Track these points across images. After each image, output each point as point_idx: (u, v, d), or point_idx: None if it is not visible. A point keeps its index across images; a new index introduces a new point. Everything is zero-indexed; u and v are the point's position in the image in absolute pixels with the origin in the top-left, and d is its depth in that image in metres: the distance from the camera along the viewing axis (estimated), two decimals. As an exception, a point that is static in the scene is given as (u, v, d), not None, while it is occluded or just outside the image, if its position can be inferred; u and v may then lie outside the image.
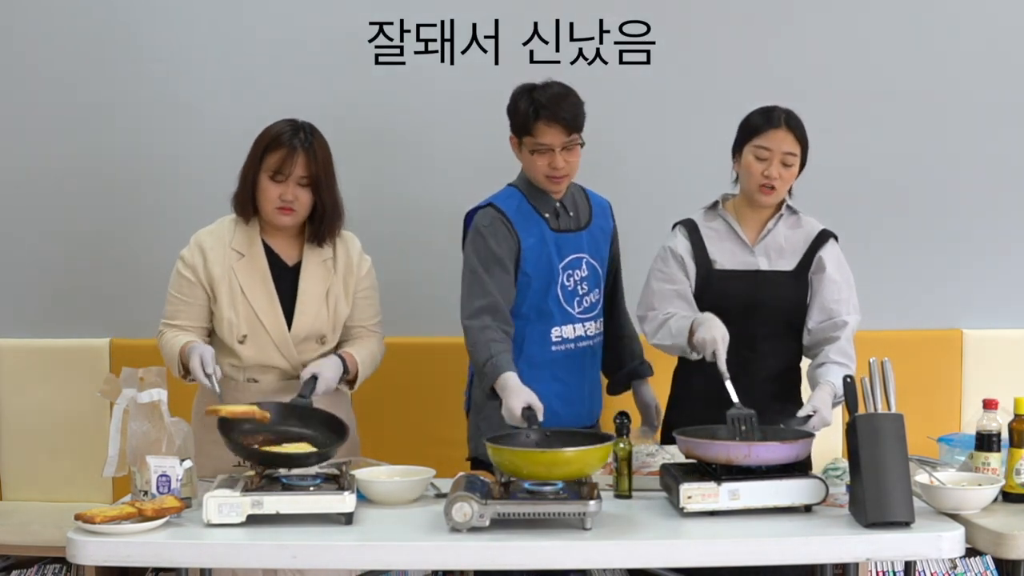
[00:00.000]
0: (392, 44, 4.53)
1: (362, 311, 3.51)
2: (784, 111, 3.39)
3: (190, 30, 4.57)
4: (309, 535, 2.79)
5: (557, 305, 3.46)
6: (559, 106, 3.36)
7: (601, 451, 2.94)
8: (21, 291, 4.68)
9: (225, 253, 3.40)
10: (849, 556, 2.85)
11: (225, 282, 3.39)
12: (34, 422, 4.55)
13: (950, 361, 4.51)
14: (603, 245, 3.60)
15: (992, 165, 4.57)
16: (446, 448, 3.77)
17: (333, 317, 3.44)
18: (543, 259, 3.46)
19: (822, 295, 3.38)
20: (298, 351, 3.41)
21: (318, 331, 3.43)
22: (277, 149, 3.33)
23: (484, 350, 3.31)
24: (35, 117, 4.63)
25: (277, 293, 3.41)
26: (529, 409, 3.12)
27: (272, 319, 3.39)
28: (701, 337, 3.20)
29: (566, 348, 3.49)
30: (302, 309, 3.41)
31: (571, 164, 3.43)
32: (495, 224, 3.44)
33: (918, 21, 4.54)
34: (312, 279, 3.43)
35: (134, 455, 3.03)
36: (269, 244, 3.44)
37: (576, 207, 3.56)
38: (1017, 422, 3.07)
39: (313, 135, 3.39)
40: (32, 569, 4.41)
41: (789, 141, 3.35)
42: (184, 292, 3.42)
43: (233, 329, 3.38)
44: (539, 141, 3.39)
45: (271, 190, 3.34)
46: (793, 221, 3.46)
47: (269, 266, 3.42)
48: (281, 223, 3.38)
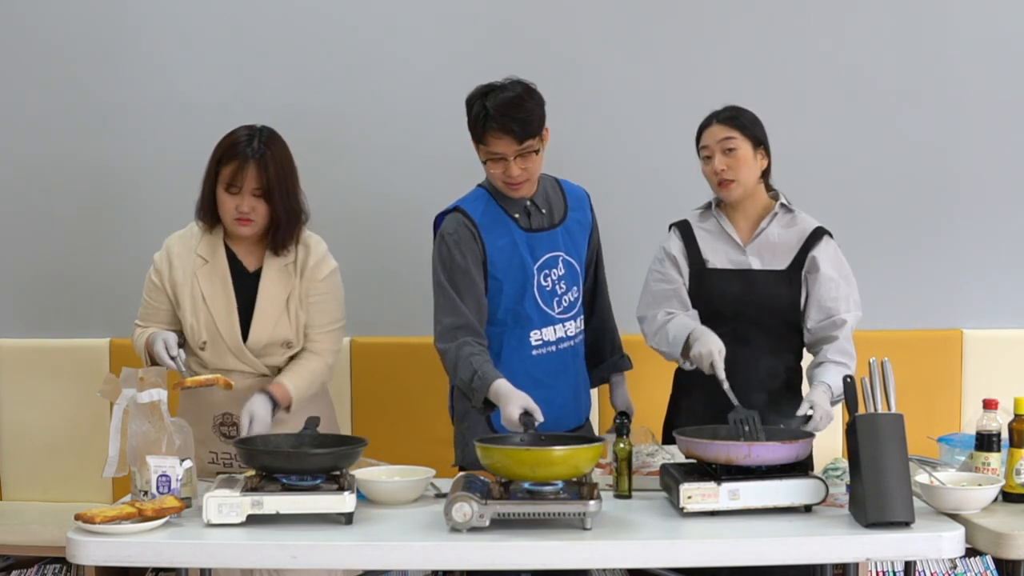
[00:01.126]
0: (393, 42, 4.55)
1: (312, 316, 3.45)
2: (720, 110, 3.43)
3: (190, 30, 4.57)
4: (309, 535, 2.79)
5: (535, 307, 3.42)
6: (508, 116, 3.26)
7: (590, 451, 2.92)
8: (21, 291, 4.68)
9: (191, 258, 3.41)
10: (849, 556, 2.85)
11: (188, 288, 3.40)
12: (34, 422, 4.56)
13: (950, 361, 4.51)
14: (581, 239, 3.54)
15: (993, 166, 4.57)
16: (446, 448, 3.76)
17: (295, 322, 3.42)
18: (514, 261, 3.40)
19: (819, 294, 3.38)
20: (261, 357, 3.41)
21: (280, 338, 3.41)
22: (231, 161, 3.32)
23: (466, 367, 3.26)
24: (35, 117, 4.63)
25: (238, 300, 3.40)
26: (527, 415, 3.11)
27: (228, 327, 3.38)
28: (697, 352, 3.22)
29: (547, 351, 3.45)
30: (259, 318, 3.39)
31: (528, 170, 3.34)
32: (459, 231, 3.37)
33: (919, 21, 4.54)
34: (271, 286, 3.41)
35: (134, 455, 3.03)
36: (232, 250, 3.44)
37: (549, 203, 3.49)
38: (1017, 422, 3.07)
39: (268, 144, 3.34)
40: (32, 569, 4.41)
41: (721, 130, 3.38)
42: (152, 296, 3.47)
43: (195, 335, 3.40)
44: (491, 150, 3.33)
45: (227, 202, 3.34)
46: (788, 220, 3.46)
47: (232, 272, 3.42)
48: (241, 233, 3.38)
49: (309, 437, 3.15)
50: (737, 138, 3.36)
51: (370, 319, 4.55)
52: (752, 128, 3.40)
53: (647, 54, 4.54)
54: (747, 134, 3.38)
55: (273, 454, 3.00)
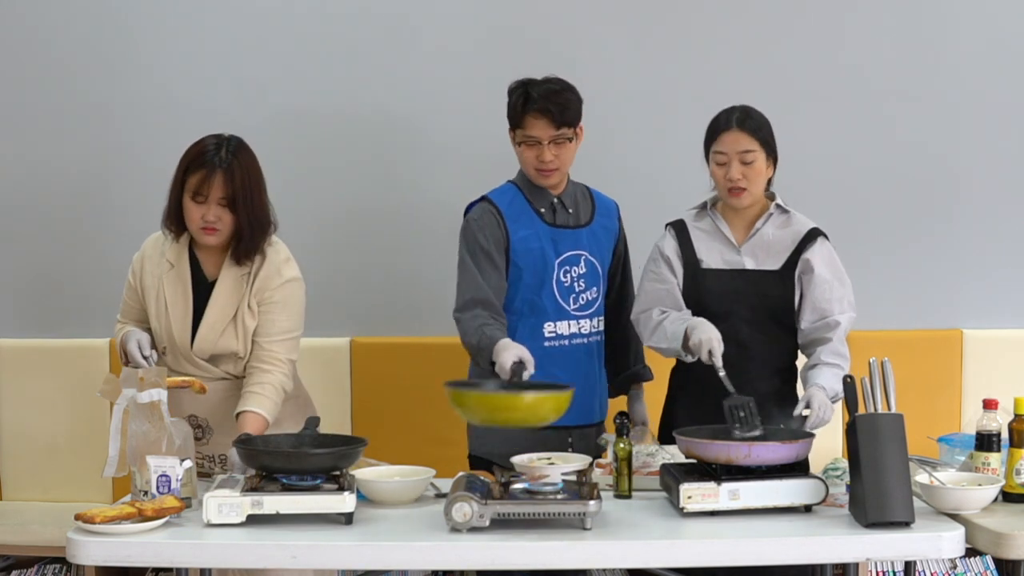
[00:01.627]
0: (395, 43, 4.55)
1: (262, 325, 3.38)
2: (738, 110, 3.39)
3: (190, 31, 4.57)
4: (309, 535, 2.79)
5: (552, 300, 3.49)
6: (548, 99, 3.41)
7: (556, 399, 2.96)
8: (21, 291, 4.68)
9: (160, 262, 3.42)
10: (849, 556, 2.85)
11: (153, 292, 3.41)
12: (34, 422, 4.56)
13: (950, 361, 4.51)
14: (605, 244, 3.61)
15: (993, 166, 4.57)
16: (446, 448, 3.77)
17: (243, 335, 3.38)
18: (535, 252, 3.49)
19: (813, 295, 3.38)
20: (216, 364, 3.39)
21: (225, 349, 3.38)
22: (197, 170, 3.31)
23: (477, 332, 3.35)
24: (35, 117, 4.63)
25: (195, 308, 3.39)
26: (520, 363, 3.13)
27: (181, 335, 3.37)
28: (697, 340, 3.22)
29: (559, 344, 3.50)
30: (204, 328, 3.37)
31: (560, 158, 3.46)
32: (484, 217, 3.50)
33: (918, 21, 4.54)
34: (223, 296, 3.38)
35: (134, 455, 3.03)
36: (197, 256, 3.43)
37: (577, 204, 3.58)
38: (1017, 422, 3.07)
39: (235, 153, 3.32)
40: (32, 569, 4.41)
41: (743, 140, 3.35)
42: (128, 294, 3.50)
43: (158, 339, 3.41)
44: (527, 133, 3.45)
45: (193, 211, 3.32)
46: (783, 220, 3.46)
47: (193, 280, 3.41)
48: (207, 242, 3.37)
49: (309, 437, 3.14)
50: (756, 151, 3.35)
51: (370, 319, 4.56)
52: (770, 139, 3.38)
53: (646, 54, 4.54)
54: (765, 146, 3.37)
55: (273, 454, 3.00)
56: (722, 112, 3.42)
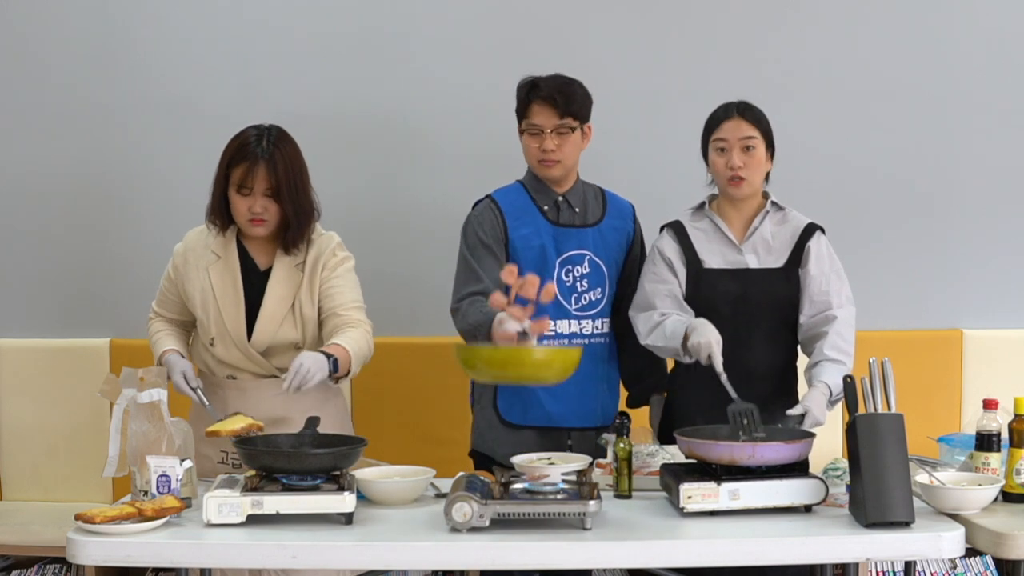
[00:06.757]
0: (396, 40, 4.55)
1: (332, 299, 3.40)
2: (739, 102, 3.42)
3: (190, 30, 4.57)
4: (309, 535, 2.79)
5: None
6: (554, 88, 3.43)
7: (565, 355, 2.97)
8: (21, 291, 4.68)
9: (205, 254, 3.42)
10: (849, 556, 2.84)
11: (199, 284, 3.41)
12: (34, 422, 4.56)
13: (950, 361, 4.51)
14: (615, 246, 3.58)
15: (993, 165, 4.57)
16: (446, 448, 3.77)
17: (302, 324, 3.41)
18: (535, 250, 3.48)
19: (810, 288, 3.39)
20: (269, 357, 3.40)
21: (285, 340, 3.40)
22: (241, 162, 3.32)
23: (477, 313, 3.32)
24: (35, 118, 4.63)
25: (247, 298, 3.39)
26: (523, 332, 3.08)
27: (236, 326, 3.38)
28: (696, 342, 3.21)
29: (558, 343, 3.47)
30: (263, 318, 3.38)
31: (562, 150, 3.45)
32: (484, 214, 3.51)
33: (918, 20, 4.54)
34: (279, 286, 3.40)
35: (134, 455, 3.04)
36: (245, 246, 3.44)
37: (585, 204, 3.56)
38: (1017, 422, 3.07)
39: (277, 144, 3.34)
40: (32, 569, 4.41)
41: (745, 127, 3.37)
42: (167, 286, 3.52)
43: (204, 330, 3.41)
44: (531, 121, 3.46)
45: (240, 203, 3.34)
46: (779, 217, 3.47)
47: (243, 270, 3.42)
48: (256, 234, 3.38)
49: (309, 437, 3.15)
50: (757, 138, 3.37)
51: (370, 319, 4.55)
52: (769, 132, 3.41)
53: (646, 55, 4.54)
54: (765, 135, 3.38)
55: (273, 454, 3.00)
56: (721, 105, 3.44)
